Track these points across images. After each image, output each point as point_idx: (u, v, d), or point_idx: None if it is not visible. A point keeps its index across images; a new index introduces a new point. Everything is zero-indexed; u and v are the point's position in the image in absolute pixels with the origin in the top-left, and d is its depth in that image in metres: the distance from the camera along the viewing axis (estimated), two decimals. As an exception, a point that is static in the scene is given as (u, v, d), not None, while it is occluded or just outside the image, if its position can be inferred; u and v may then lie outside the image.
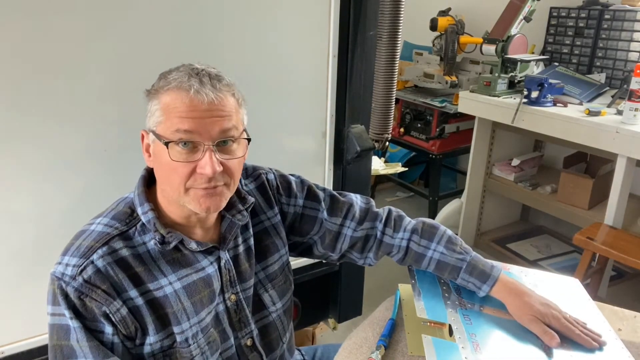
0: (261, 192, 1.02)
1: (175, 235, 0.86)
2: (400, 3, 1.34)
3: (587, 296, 1.03)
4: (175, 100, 0.80)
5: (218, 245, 0.92)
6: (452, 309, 0.93)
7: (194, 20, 1.17)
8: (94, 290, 0.79)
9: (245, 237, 0.98)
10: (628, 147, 1.97)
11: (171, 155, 0.80)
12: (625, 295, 2.42)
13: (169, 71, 0.84)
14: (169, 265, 0.87)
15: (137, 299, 0.83)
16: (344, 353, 0.90)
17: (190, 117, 0.79)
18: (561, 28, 2.66)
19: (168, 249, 0.86)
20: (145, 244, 0.86)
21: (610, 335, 0.91)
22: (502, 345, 0.87)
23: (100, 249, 0.81)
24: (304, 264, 1.56)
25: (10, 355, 1.14)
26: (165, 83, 0.82)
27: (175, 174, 0.81)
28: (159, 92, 0.82)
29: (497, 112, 2.47)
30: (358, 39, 1.43)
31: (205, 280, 0.90)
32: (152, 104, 0.83)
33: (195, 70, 0.82)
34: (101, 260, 0.81)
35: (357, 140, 1.48)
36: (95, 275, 0.80)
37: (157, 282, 0.85)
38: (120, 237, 0.84)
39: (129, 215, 0.87)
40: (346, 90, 1.46)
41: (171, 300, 0.86)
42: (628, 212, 2.16)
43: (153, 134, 0.82)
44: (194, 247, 0.88)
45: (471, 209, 2.88)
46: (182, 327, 0.86)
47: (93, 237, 0.83)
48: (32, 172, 1.07)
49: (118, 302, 0.81)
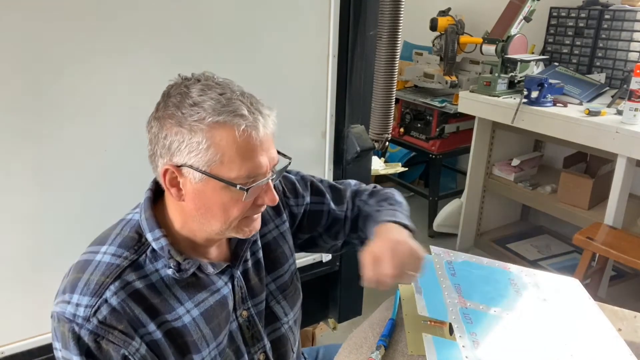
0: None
1: (193, 262, 0.81)
2: (400, 3, 1.35)
3: (587, 296, 1.03)
4: (241, 140, 0.72)
5: (230, 263, 0.89)
6: (453, 308, 0.93)
7: (194, 20, 1.17)
8: (110, 332, 0.73)
9: (253, 250, 0.94)
10: (628, 147, 1.97)
11: (248, 196, 0.75)
12: (625, 295, 2.42)
13: (190, 95, 0.73)
14: (184, 292, 0.81)
15: (155, 333, 0.77)
16: (344, 353, 0.90)
17: (259, 155, 0.74)
18: (561, 28, 2.66)
19: (185, 277, 0.81)
20: (157, 272, 0.79)
21: (611, 333, 0.91)
22: (503, 343, 0.87)
23: (112, 284, 0.75)
24: (304, 264, 1.56)
25: (10, 355, 1.14)
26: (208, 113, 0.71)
27: (235, 210, 0.77)
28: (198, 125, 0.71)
29: (497, 112, 2.47)
30: (358, 39, 1.43)
31: (221, 302, 0.86)
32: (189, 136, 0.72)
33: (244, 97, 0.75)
34: (115, 298, 0.74)
35: (357, 140, 1.48)
36: (111, 315, 0.73)
37: (174, 312, 0.80)
38: (131, 268, 0.77)
39: (137, 241, 0.80)
40: (346, 90, 1.46)
41: (190, 329, 0.81)
42: (628, 212, 2.16)
43: (206, 174, 0.73)
44: (211, 270, 0.84)
45: (471, 209, 2.88)
46: (202, 354, 0.82)
47: (102, 270, 0.76)
48: (33, 172, 1.07)
49: (137, 342, 0.75)
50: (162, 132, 0.74)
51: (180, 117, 0.72)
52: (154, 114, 0.77)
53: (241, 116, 0.72)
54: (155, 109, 0.77)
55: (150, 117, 0.78)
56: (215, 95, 0.73)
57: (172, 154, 0.74)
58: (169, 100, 0.75)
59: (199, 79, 0.76)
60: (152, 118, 0.77)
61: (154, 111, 0.77)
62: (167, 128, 0.73)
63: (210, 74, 0.79)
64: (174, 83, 0.78)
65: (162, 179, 0.77)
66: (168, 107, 0.74)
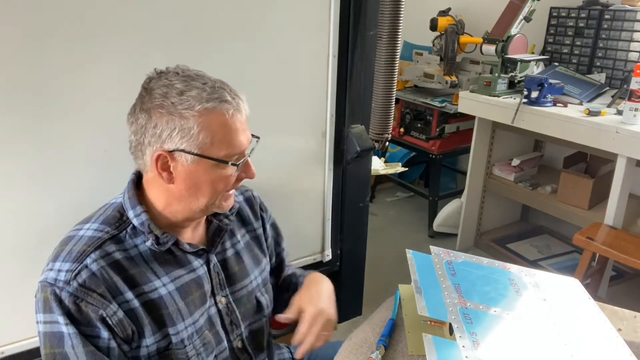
0: (248, 205, 1.09)
1: (170, 236, 0.88)
2: (400, 3, 1.34)
3: (587, 296, 1.03)
4: (229, 122, 0.82)
5: (206, 248, 0.96)
6: (453, 308, 0.93)
7: (194, 20, 1.16)
8: (89, 294, 0.79)
9: (233, 242, 1.02)
10: (628, 147, 1.97)
11: (236, 173, 0.87)
12: (625, 295, 2.42)
13: (174, 87, 0.80)
14: (162, 267, 0.88)
15: (133, 302, 0.83)
16: (344, 353, 0.90)
17: (240, 135, 0.84)
18: (561, 28, 2.66)
19: (163, 249, 0.87)
20: (137, 247, 0.86)
21: (611, 333, 0.91)
22: (503, 344, 0.87)
23: (93, 252, 0.81)
24: (304, 264, 1.56)
25: (10, 355, 1.14)
26: (196, 102, 0.79)
27: (222, 185, 0.86)
28: (188, 112, 0.79)
29: (497, 112, 2.47)
30: (358, 39, 1.43)
31: (196, 281, 0.92)
32: (180, 123, 0.79)
33: (223, 85, 0.84)
34: (95, 264, 0.80)
35: (357, 140, 1.48)
36: (90, 279, 0.79)
37: (151, 284, 0.86)
38: (112, 241, 0.84)
39: (118, 219, 0.87)
40: (346, 90, 1.46)
41: (166, 301, 0.86)
42: (628, 212, 2.16)
43: (198, 155, 0.81)
44: (187, 247, 0.91)
45: (471, 209, 2.88)
46: (177, 327, 0.87)
47: (84, 242, 0.83)
48: (33, 171, 1.07)
49: (114, 305, 0.81)
50: (151, 122, 0.81)
51: (169, 106, 0.80)
52: (140, 106, 0.83)
53: (227, 102, 0.82)
54: (138, 102, 0.83)
55: (132, 110, 0.84)
56: (199, 85, 0.81)
57: (163, 141, 0.81)
58: (154, 92, 0.81)
59: (177, 72, 0.83)
60: (139, 110, 0.83)
61: (138, 104, 0.83)
62: (157, 117, 0.80)
63: (184, 66, 0.85)
64: (152, 76, 0.84)
65: (153, 165, 0.83)
66: (155, 98, 0.81)
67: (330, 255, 1.61)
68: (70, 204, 1.12)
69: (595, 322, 0.95)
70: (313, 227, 1.56)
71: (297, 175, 1.46)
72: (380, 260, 2.71)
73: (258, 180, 1.38)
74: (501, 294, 0.99)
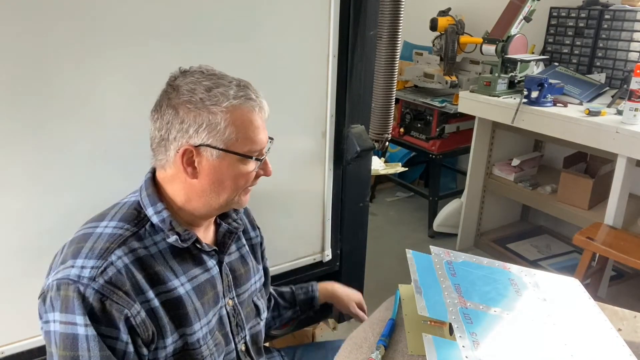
0: (246, 215, 1.11)
1: (192, 234, 0.89)
2: (400, 3, 1.34)
3: (587, 296, 1.03)
4: (253, 119, 0.85)
5: (218, 249, 0.97)
6: (453, 308, 0.93)
7: (194, 20, 1.16)
8: (115, 292, 0.77)
9: (238, 245, 1.04)
10: (628, 147, 1.97)
11: (259, 168, 0.89)
12: (625, 295, 2.42)
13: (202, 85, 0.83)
14: (180, 266, 0.88)
15: (153, 301, 0.82)
16: (344, 353, 0.90)
17: (261, 132, 0.87)
18: (561, 28, 2.66)
19: (185, 246, 0.88)
20: (156, 244, 0.86)
21: (611, 333, 0.91)
22: (503, 344, 0.87)
23: (118, 249, 0.80)
24: (304, 263, 1.56)
25: (10, 355, 1.14)
26: (223, 99, 0.82)
27: (243, 181, 0.88)
28: (215, 108, 0.82)
29: (497, 112, 2.47)
30: (358, 39, 1.43)
31: (210, 281, 0.93)
32: (208, 119, 0.82)
33: (249, 84, 0.88)
34: (121, 261, 0.79)
35: (357, 140, 1.48)
36: (117, 276, 0.78)
37: (170, 283, 0.85)
38: (134, 237, 0.83)
39: (136, 216, 0.86)
40: (346, 90, 1.46)
41: (184, 301, 0.86)
42: (628, 212, 2.16)
43: (224, 151, 0.84)
44: (206, 247, 0.91)
45: (471, 209, 2.88)
46: (193, 327, 0.87)
47: (105, 238, 0.81)
48: (33, 171, 1.07)
49: (138, 305, 0.79)
50: (178, 118, 0.82)
51: (197, 102, 0.82)
52: (167, 103, 0.84)
53: (252, 99, 0.85)
54: (164, 99, 0.84)
55: (157, 107, 0.85)
56: (225, 83, 0.84)
57: (189, 136, 0.82)
58: (181, 89, 0.83)
59: (202, 71, 0.86)
60: (165, 106, 0.84)
61: (164, 100, 0.84)
62: (185, 113, 0.82)
63: (208, 66, 0.88)
64: (177, 75, 0.86)
65: (179, 160, 0.84)
66: (182, 94, 0.82)
67: (330, 255, 1.61)
68: (71, 204, 1.12)
69: (595, 322, 0.95)
70: (313, 227, 1.56)
71: (297, 175, 1.46)
72: (380, 260, 2.72)
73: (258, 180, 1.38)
74: (501, 294, 0.99)
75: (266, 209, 1.42)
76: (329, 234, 1.58)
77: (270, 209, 1.42)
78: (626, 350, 0.88)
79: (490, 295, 0.98)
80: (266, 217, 1.35)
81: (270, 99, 1.33)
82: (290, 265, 1.52)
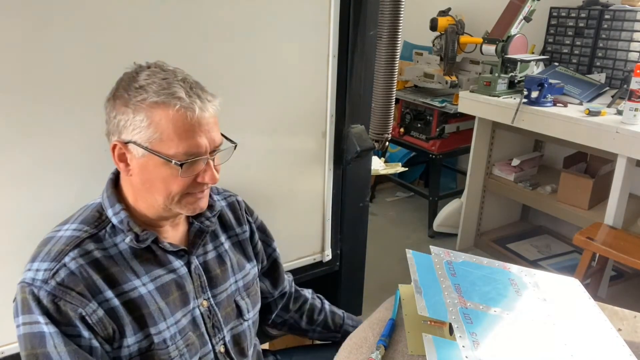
0: (231, 210, 1.08)
1: (150, 234, 0.87)
2: (400, 3, 1.34)
3: (587, 296, 1.03)
4: (177, 120, 0.79)
5: (187, 249, 0.95)
6: (453, 308, 0.93)
7: (193, 20, 1.16)
8: (68, 293, 0.78)
9: (215, 244, 1.02)
10: (628, 147, 1.97)
11: (182, 173, 0.82)
12: (625, 295, 2.43)
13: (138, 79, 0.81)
14: (142, 266, 0.87)
15: (113, 300, 0.82)
16: (344, 353, 0.90)
17: (197, 136, 0.81)
18: (561, 28, 2.66)
19: (142, 247, 0.87)
20: (116, 246, 0.86)
21: (611, 333, 0.91)
22: (503, 344, 0.87)
23: (71, 251, 0.81)
24: (304, 263, 1.56)
25: (10, 355, 1.14)
26: (150, 95, 0.79)
27: (175, 185, 0.83)
28: (140, 105, 0.79)
29: (497, 112, 2.47)
30: (358, 39, 1.43)
31: (177, 281, 0.91)
32: (133, 116, 0.80)
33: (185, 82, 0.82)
34: (74, 263, 0.80)
35: (357, 140, 1.48)
36: (69, 278, 0.79)
37: (131, 283, 0.85)
38: (91, 239, 0.84)
39: (97, 218, 0.87)
40: (346, 90, 1.46)
41: (147, 301, 0.86)
42: (628, 212, 2.16)
43: (147, 150, 0.81)
44: (168, 246, 0.90)
45: (471, 209, 2.88)
46: (159, 327, 0.87)
47: (62, 241, 0.82)
48: (30, 172, 1.07)
49: (93, 304, 0.80)
50: (113, 112, 0.83)
51: (126, 98, 0.81)
52: (108, 96, 0.85)
53: (178, 98, 0.79)
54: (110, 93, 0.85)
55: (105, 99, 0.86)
56: (158, 80, 0.81)
57: (120, 132, 0.82)
58: (120, 85, 0.84)
59: (149, 66, 0.85)
60: (106, 100, 0.85)
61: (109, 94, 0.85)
62: (117, 108, 0.82)
63: (161, 62, 0.86)
64: (128, 69, 0.86)
65: (111, 154, 0.85)
66: (119, 90, 0.83)
67: (330, 255, 1.61)
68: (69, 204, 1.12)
69: (595, 322, 0.95)
70: (313, 227, 1.56)
71: (297, 175, 1.46)
72: (380, 260, 2.72)
73: (258, 181, 1.38)
74: (501, 294, 0.99)
75: (266, 209, 1.42)
76: (329, 234, 1.58)
77: (270, 208, 1.42)
78: (626, 350, 0.88)
79: (490, 295, 0.98)
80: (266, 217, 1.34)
81: (270, 99, 1.34)
82: (290, 265, 1.52)
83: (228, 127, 0.94)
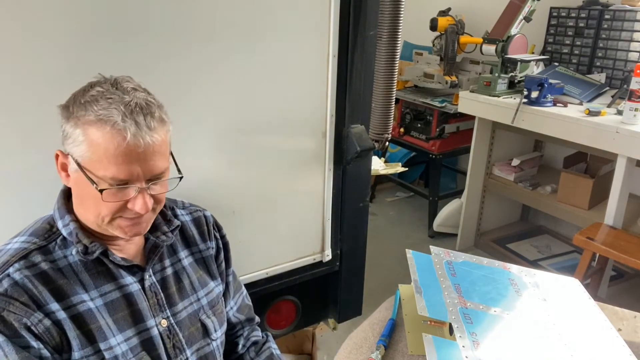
0: (196, 225, 1.03)
1: (99, 246, 0.84)
2: (400, 3, 1.34)
3: (587, 296, 1.03)
4: (108, 143, 0.76)
5: (141, 265, 0.91)
6: (453, 308, 0.93)
7: (193, 21, 1.16)
8: (11, 303, 0.76)
9: (172, 261, 0.97)
10: (628, 147, 1.97)
11: (104, 197, 0.78)
12: (625, 295, 2.43)
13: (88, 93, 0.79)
14: (92, 280, 0.84)
15: (60, 313, 0.80)
16: (344, 353, 0.90)
17: (127, 163, 0.77)
18: (561, 28, 2.66)
19: (91, 259, 0.84)
20: (66, 258, 0.84)
21: (611, 333, 0.91)
22: (503, 344, 0.87)
23: (17, 262, 0.79)
24: (303, 263, 1.56)
25: (10, 355, 1.14)
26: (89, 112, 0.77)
27: (104, 207, 0.80)
28: (80, 120, 0.77)
29: (497, 112, 2.47)
30: (358, 39, 1.43)
31: (127, 298, 0.88)
32: (73, 129, 0.78)
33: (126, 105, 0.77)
34: (18, 273, 0.78)
35: (357, 140, 1.48)
36: (12, 288, 0.77)
37: (78, 296, 0.82)
38: (39, 251, 0.82)
39: (47, 230, 0.85)
40: (346, 90, 1.46)
41: (95, 315, 0.83)
42: (628, 212, 2.16)
43: (78, 166, 0.79)
44: (119, 260, 0.86)
45: (471, 209, 2.88)
46: (109, 342, 0.84)
47: (10, 253, 0.81)
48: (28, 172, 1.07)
49: (39, 314, 0.78)
50: (62, 121, 0.81)
51: (71, 111, 0.79)
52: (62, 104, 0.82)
53: (112, 121, 0.76)
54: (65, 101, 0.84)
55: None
56: (103, 99, 0.78)
57: (63, 141, 0.81)
58: (73, 95, 0.81)
59: (107, 81, 0.81)
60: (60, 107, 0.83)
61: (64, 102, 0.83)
62: (63, 119, 0.81)
63: (126, 78, 0.83)
64: (93, 80, 0.83)
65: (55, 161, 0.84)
66: (69, 100, 0.81)
67: (330, 255, 1.61)
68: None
69: (595, 322, 0.95)
70: (313, 227, 1.56)
71: (297, 175, 1.46)
72: (380, 260, 2.72)
73: (258, 181, 1.38)
74: (501, 294, 0.99)
75: (266, 209, 1.42)
76: (329, 234, 1.58)
77: (270, 209, 1.42)
78: (626, 350, 0.88)
79: (490, 295, 0.98)
80: (266, 217, 1.35)
81: (270, 99, 1.34)
82: (290, 265, 1.52)
83: (228, 127, 0.93)
